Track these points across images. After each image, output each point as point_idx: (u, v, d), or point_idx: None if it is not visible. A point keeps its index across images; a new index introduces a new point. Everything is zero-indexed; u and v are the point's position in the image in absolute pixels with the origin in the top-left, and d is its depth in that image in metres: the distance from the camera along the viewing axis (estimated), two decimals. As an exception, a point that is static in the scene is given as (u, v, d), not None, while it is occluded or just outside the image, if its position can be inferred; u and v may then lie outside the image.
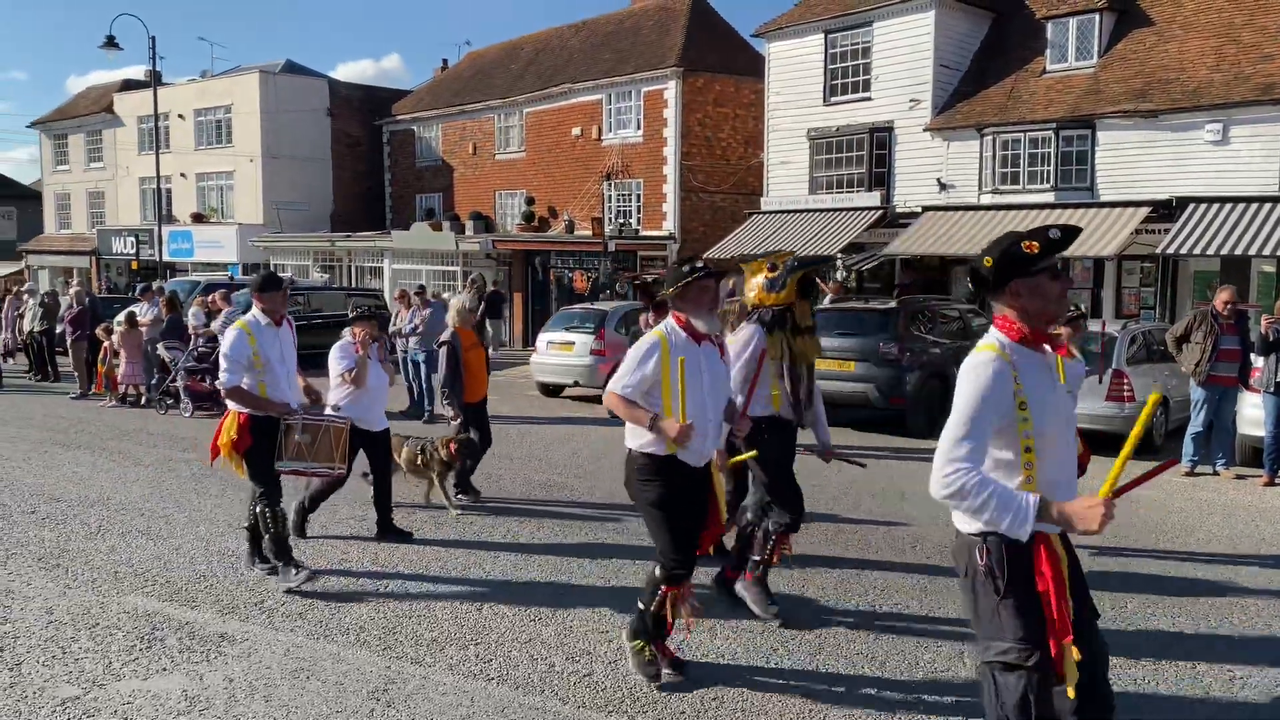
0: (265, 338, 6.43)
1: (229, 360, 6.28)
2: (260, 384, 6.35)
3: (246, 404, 6.30)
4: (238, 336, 6.34)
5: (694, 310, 4.81)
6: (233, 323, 6.63)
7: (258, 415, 6.32)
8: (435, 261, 29.76)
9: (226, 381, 6.28)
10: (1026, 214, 19.78)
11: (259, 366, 6.33)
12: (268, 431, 6.34)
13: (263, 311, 6.49)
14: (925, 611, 6.12)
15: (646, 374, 4.72)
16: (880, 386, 13.22)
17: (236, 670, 5.09)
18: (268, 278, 6.77)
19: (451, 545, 7.49)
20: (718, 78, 28.33)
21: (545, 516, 8.47)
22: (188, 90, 38.58)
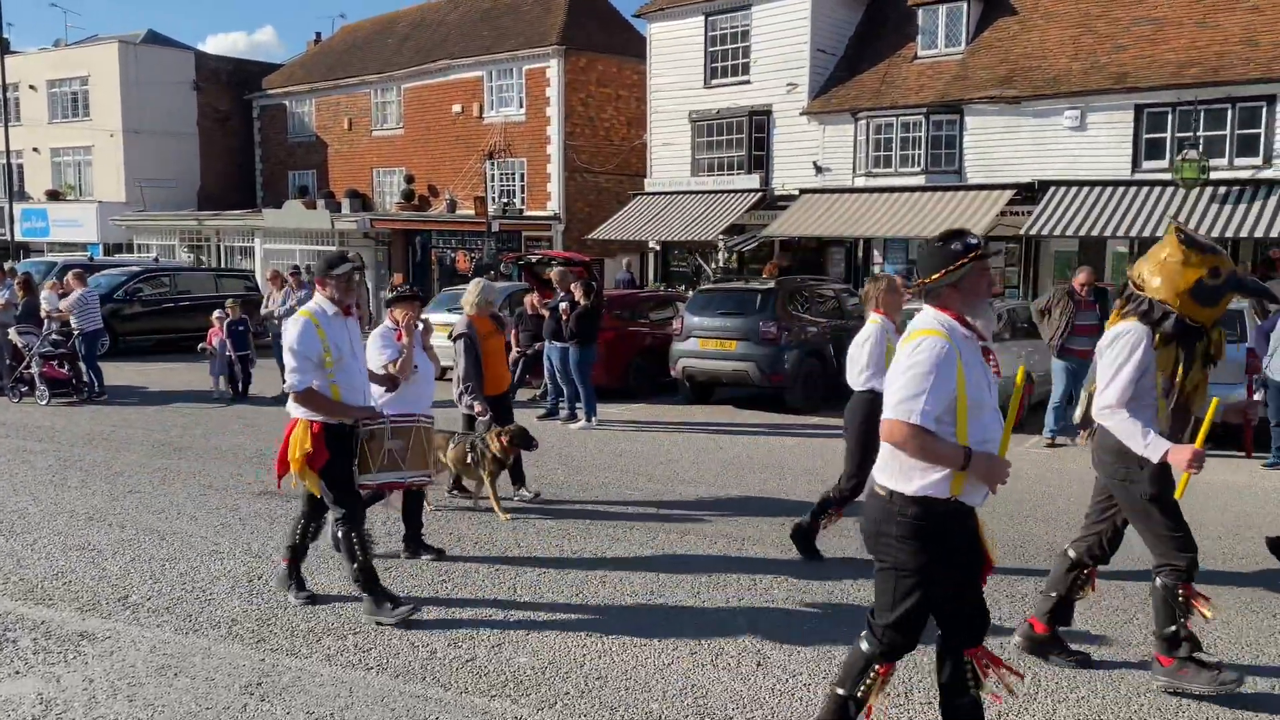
0: (334, 329, 5.49)
1: (298, 357, 5.36)
2: (332, 385, 5.45)
3: (320, 410, 5.42)
4: (305, 328, 5.40)
5: (973, 302, 3.65)
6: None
7: (332, 423, 5.46)
8: (310, 241, 28.87)
9: (297, 383, 5.37)
10: (898, 196, 20.40)
11: (329, 364, 5.42)
12: (345, 441, 5.55)
13: (329, 299, 5.56)
14: (801, 584, 6.27)
15: (949, 392, 3.50)
16: (760, 365, 13.46)
17: (97, 670, 4.86)
18: (336, 258, 5.70)
19: (327, 533, 7.30)
20: (600, 58, 28.25)
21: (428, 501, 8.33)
22: (40, 60, 36.38)
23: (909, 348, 3.55)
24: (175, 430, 11.74)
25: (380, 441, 5.66)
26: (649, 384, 15.04)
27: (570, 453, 10.63)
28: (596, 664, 4.99)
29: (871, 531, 3.72)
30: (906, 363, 3.53)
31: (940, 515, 3.57)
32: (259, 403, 14.04)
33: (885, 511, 3.64)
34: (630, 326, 15.32)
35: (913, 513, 3.57)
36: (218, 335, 14.35)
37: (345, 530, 5.57)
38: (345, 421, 5.54)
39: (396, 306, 6.81)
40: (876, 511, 3.70)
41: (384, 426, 5.69)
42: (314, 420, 5.44)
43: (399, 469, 5.74)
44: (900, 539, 3.59)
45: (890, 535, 3.62)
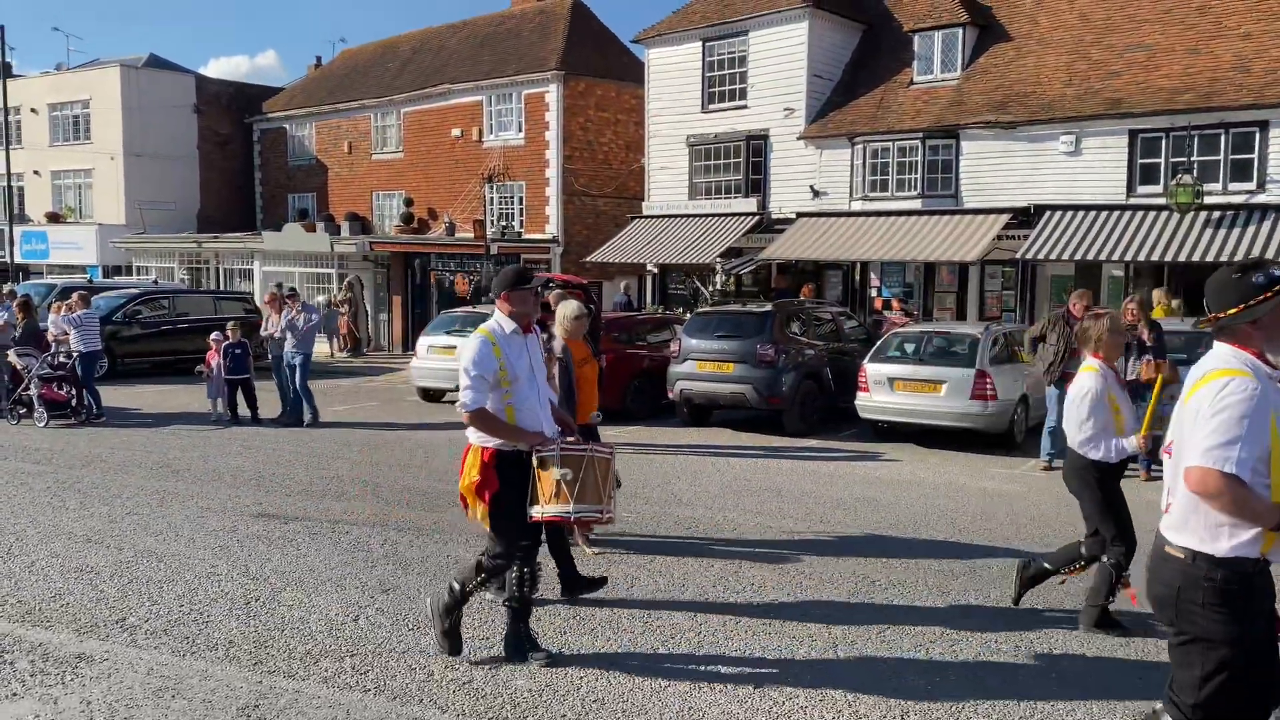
0: (512, 348, 5.16)
1: (472, 377, 5.03)
2: (508, 407, 5.11)
3: (492, 432, 5.09)
4: (482, 347, 5.07)
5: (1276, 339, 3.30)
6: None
7: (506, 450, 5.11)
8: (309, 263, 28.94)
9: (470, 402, 5.03)
10: (895, 220, 20.51)
11: (505, 384, 5.09)
12: (520, 470, 5.10)
13: (510, 315, 5.22)
14: (798, 607, 6.28)
15: (1264, 438, 3.12)
16: (757, 387, 13.50)
17: (95, 692, 4.86)
18: (518, 273, 5.35)
19: (326, 556, 7.32)
20: (599, 82, 28.47)
21: (424, 524, 8.35)
22: (41, 83, 36.60)
23: (1214, 389, 3.17)
24: (173, 452, 11.75)
25: (549, 471, 5.10)
26: (647, 406, 15.07)
27: (568, 475, 10.63)
28: (593, 686, 5.00)
29: (1168, 599, 3.31)
30: (1215, 406, 3.14)
31: (1249, 577, 3.20)
32: (260, 424, 14.05)
33: (1187, 576, 3.25)
34: (628, 349, 15.37)
35: (1222, 576, 3.19)
36: (215, 357, 14.38)
37: (482, 566, 5.26)
38: (520, 448, 5.11)
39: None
40: (1174, 576, 3.29)
41: (553, 453, 5.09)
42: (486, 446, 5.11)
43: (566, 503, 5.09)
44: (1208, 606, 3.20)
45: (1195, 603, 3.22)
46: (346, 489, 9.74)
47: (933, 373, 12.59)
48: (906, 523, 8.64)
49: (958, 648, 5.61)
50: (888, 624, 5.97)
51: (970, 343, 12.79)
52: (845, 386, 13.81)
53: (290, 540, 7.72)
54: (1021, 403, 12.87)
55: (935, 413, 12.50)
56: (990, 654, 5.52)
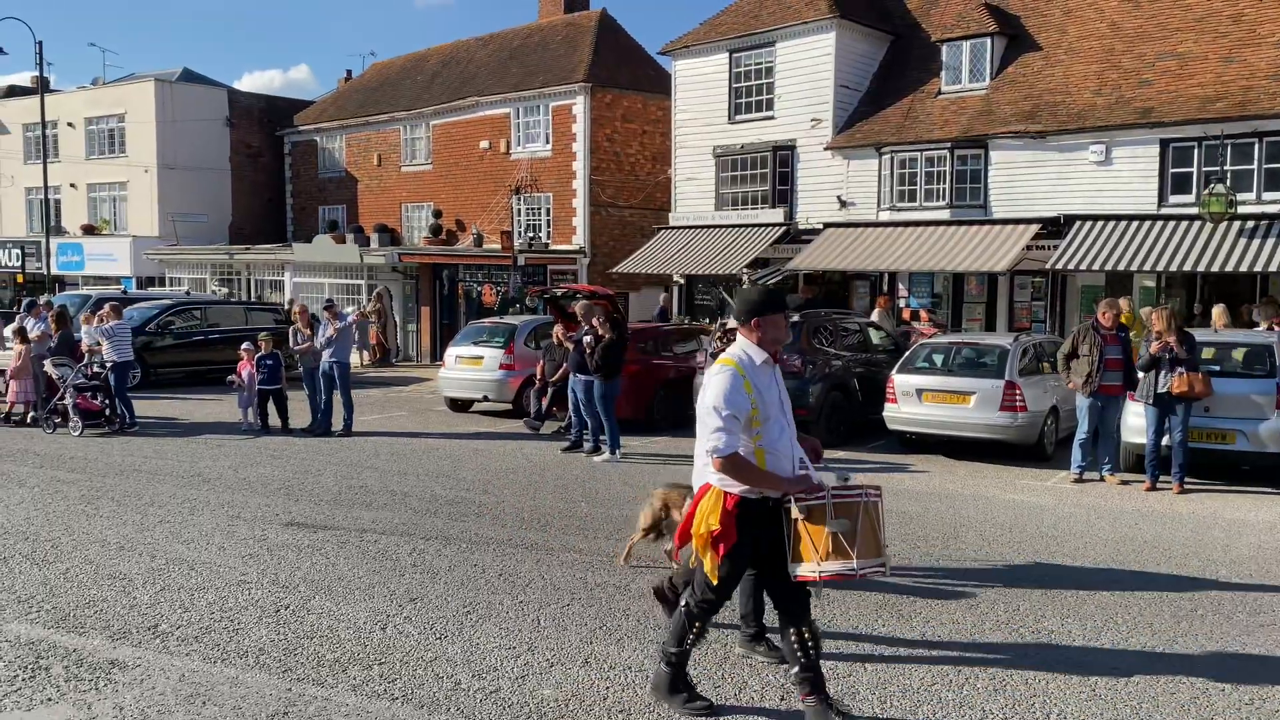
0: (761, 380, 4.57)
1: (724, 417, 4.42)
2: (758, 450, 4.52)
3: (746, 479, 4.49)
4: (731, 381, 4.48)
5: None
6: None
7: (752, 496, 4.51)
8: (339, 275, 29.22)
9: (724, 447, 4.43)
10: (923, 230, 20.42)
11: (756, 424, 4.48)
12: (761, 520, 4.55)
13: (759, 344, 4.63)
14: (825, 620, 6.25)
15: None
16: (785, 399, 13.44)
17: (128, 698, 4.93)
18: (769, 296, 4.74)
19: (355, 564, 7.37)
20: (626, 94, 28.57)
21: (453, 534, 8.39)
22: (78, 98, 37.22)
23: None
24: (205, 461, 11.88)
25: (822, 522, 4.47)
26: (673, 417, 15.06)
27: (594, 486, 10.66)
28: (620, 697, 5.00)
29: None
30: None
31: None
32: (290, 434, 14.18)
33: None
34: (654, 360, 15.38)
35: None
36: (246, 368, 14.53)
37: (692, 614, 4.75)
38: (769, 495, 4.54)
39: None
40: None
41: (825, 503, 4.50)
42: (730, 491, 4.52)
43: (847, 558, 4.48)
44: None
45: None
46: (375, 498, 9.81)
47: (962, 384, 12.51)
48: (935, 535, 8.57)
49: (987, 659, 5.57)
50: (915, 638, 5.93)
51: (999, 354, 12.70)
52: (873, 398, 13.74)
53: (319, 549, 7.78)
54: (1052, 414, 12.75)
55: (964, 424, 12.41)
56: (1020, 665, 5.47)
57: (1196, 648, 5.84)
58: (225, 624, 6.00)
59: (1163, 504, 10.18)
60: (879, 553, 4.57)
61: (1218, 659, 5.67)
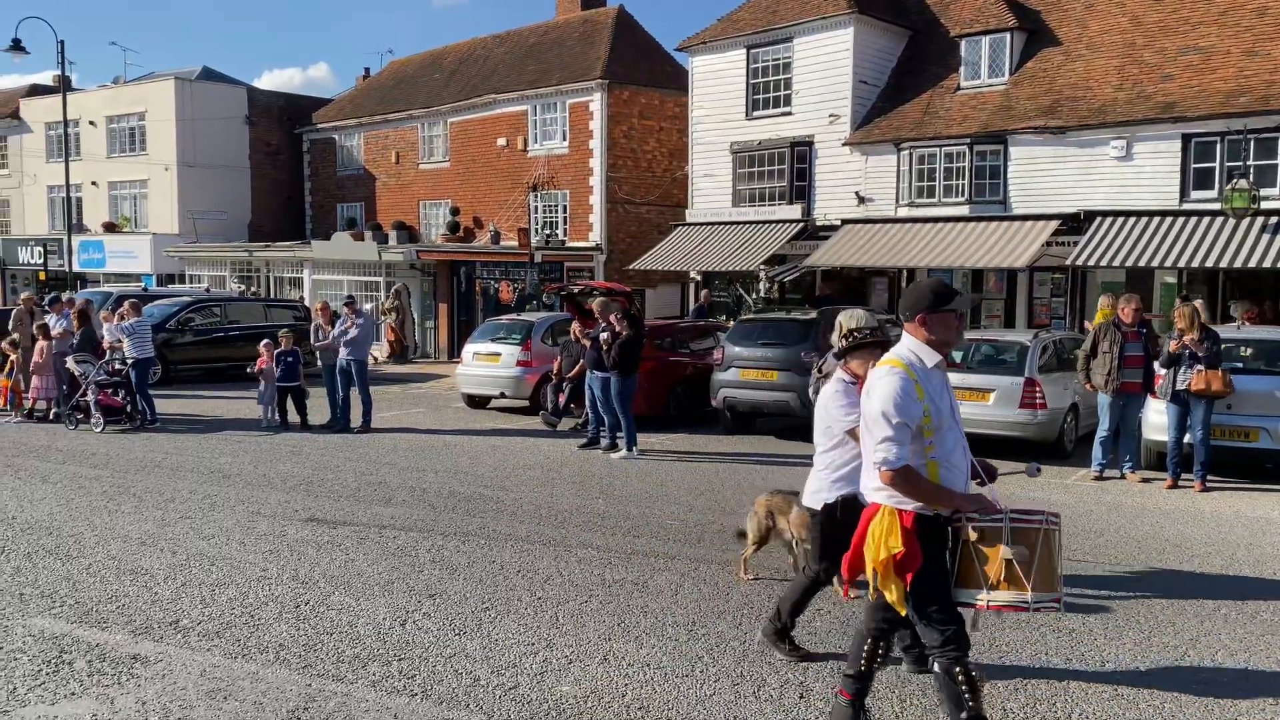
0: (933, 385, 4.11)
1: (894, 425, 3.98)
2: (930, 461, 4.05)
3: (919, 495, 4.04)
4: (902, 385, 4.02)
5: None
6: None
7: (927, 514, 4.08)
8: (357, 272, 29.34)
9: (894, 459, 3.97)
10: (942, 226, 20.32)
11: (929, 433, 4.04)
12: (940, 538, 4.12)
13: (929, 344, 4.16)
14: (844, 616, 6.23)
15: None
16: (803, 395, 13.38)
17: (150, 693, 4.96)
18: (940, 290, 4.21)
19: (374, 561, 7.40)
20: (643, 91, 28.54)
21: (470, 530, 8.42)
22: (99, 96, 37.49)
23: None
24: (225, 458, 11.96)
25: (995, 546, 4.02)
26: (690, 414, 15.06)
27: (611, 482, 10.67)
28: (639, 694, 5.00)
29: None
30: None
31: None
32: (309, 431, 14.25)
33: None
34: (671, 356, 15.37)
35: None
36: (266, 363, 14.60)
37: (950, 664, 4.09)
38: (941, 513, 4.12)
39: (854, 356, 5.34)
40: None
41: (1000, 525, 4.04)
42: (904, 509, 4.07)
43: (1021, 589, 3.99)
44: None
45: None
46: (394, 494, 9.84)
47: (981, 381, 12.44)
48: (954, 532, 8.52)
49: (1006, 659, 5.54)
50: (935, 635, 5.90)
51: (1019, 350, 12.62)
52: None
53: (339, 545, 7.82)
54: (1071, 411, 12.66)
55: (983, 421, 12.33)
56: (1040, 664, 5.44)
57: (1220, 647, 5.78)
58: (246, 619, 6.04)
59: (1184, 502, 10.10)
60: (1054, 586, 4.09)
61: (1243, 659, 5.62)
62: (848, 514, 5.01)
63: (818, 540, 5.49)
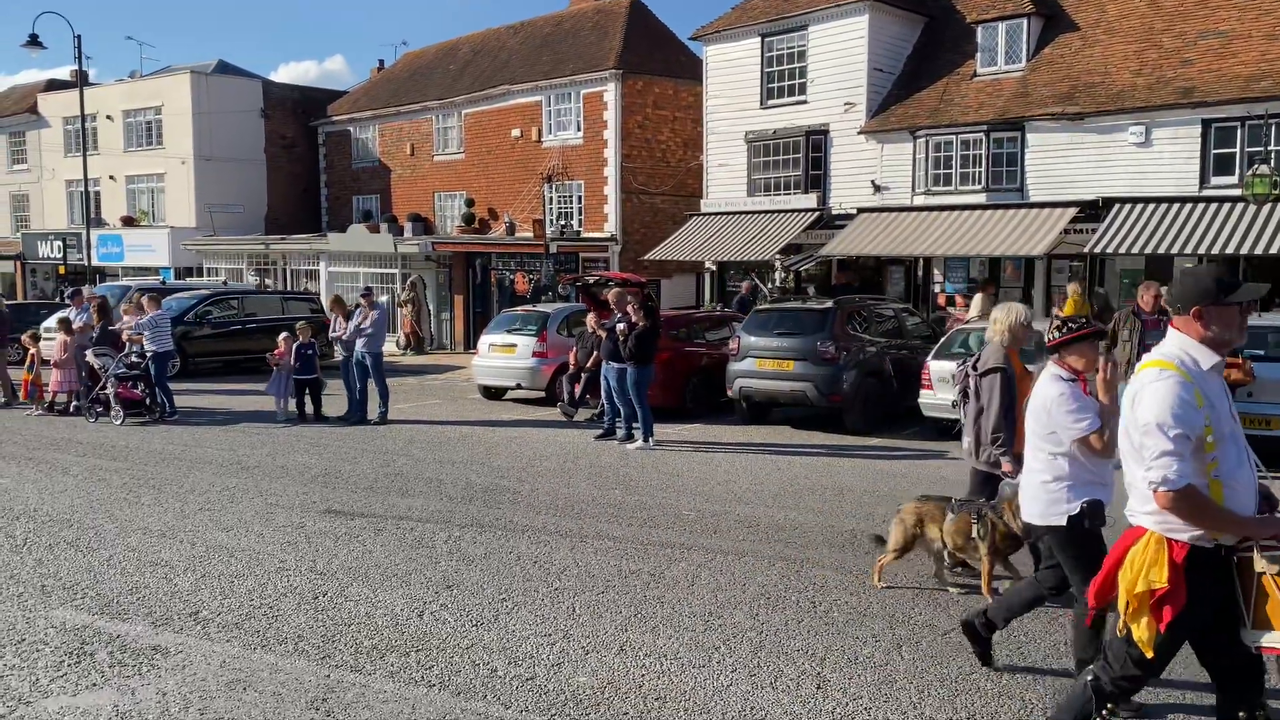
0: (1212, 391, 3.56)
1: (1172, 437, 3.41)
2: (1212, 480, 3.47)
3: (1200, 520, 3.47)
4: (1180, 393, 3.47)
5: None
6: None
7: (1204, 545, 3.49)
8: (373, 264, 29.41)
9: (1175, 477, 3.40)
10: (959, 215, 20.20)
11: (1210, 447, 3.46)
12: (1213, 573, 3.52)
13: (1207, 342, 3.61)
14: (861, 606, 6.22)
15: None
16: (818, 385, 13.38)
17: (170, 684, 5.00)
18: (1222, 281, 3.66)
19: (391, 552, 7.43)
20: (657, 80, 28.45)
21: (488, 521, 8.44)
22: (116, 91, 37.67)
23: None
24: (243, 450, 12.02)
25: None
26: (706, 404, 15.04)
27: (627, 473, 10.67)
28: (655, 685, 5.00)
29: None
30: None
31: None
32: (325, 423, 14.31)
33: None
34: (687, 347, 15.35)
35: None
36: (283, 354, 14.66)
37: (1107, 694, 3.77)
38: (1222, 543, 3.50)
39: (1071, 349, 4.72)
40: None
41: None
42: (1176, 539, 3.50)
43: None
44: None
45: None
46: (411, 486, 9.88)
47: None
48: (971, 522, 8.49)
49: (1025, 650, 5.51)
50: (953, 626, 5.88)
51: (1036, 340, 12.51)
52: (908, 384, 13.64)
53: (356, 536, 7.86)
54: (1090, 400, 12.55)
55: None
56: (1059, 654, 5.41)
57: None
58: (265, 611, 6.08)
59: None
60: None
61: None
62: (1096, 519, 4.63)
63: (1076, 557, 4.69)
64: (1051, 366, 4.74)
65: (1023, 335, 6.45)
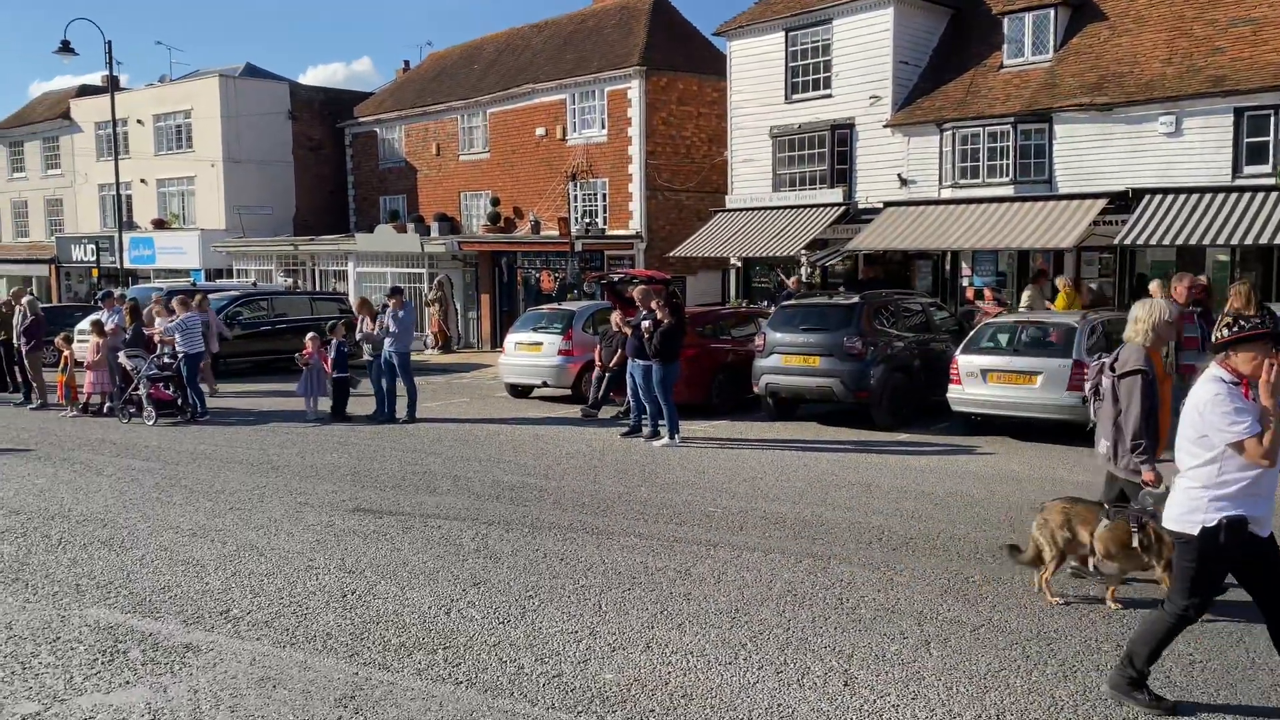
0: None
1: None
2: None
3: None
4: None
5: None
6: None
7: None
8: (400, 264, 29.58)
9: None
10: (987, 207, 20.02)
11: None
12: None
13: None
14: (889, 603, 6.18)
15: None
16: (845, 380, 13.32)
17: (202, 681, 5.06)
18: None
19: (419, 550, 7.47)
20: (681, 76, 28.40)
21: (514, 518, 8.46)
22: (146, 95, 38.10)
23: None
24: (273, 449, 12.13)
25: None
26: (731, 401, 15.01)
27: (653, 470, 10.67)
28: (681, 682, 5.00)
29: None
30: None
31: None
32: (351, 422, 14.42)
33: None
34: (713, 343, 15.33)
35: None
36: (311, 355, 14.79)
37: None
38: None
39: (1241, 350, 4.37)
40: None
41: None
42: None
43: None
44: None
45: None
46: (438, 484, 9.93)
47: (1027, 364, 12.25)
48: (1001, 519, 8.43)
49: (1055, 647, 5.46)
50: (982, 623, 5.84)
51: (1066, 332, 12.41)
52: (936, 379, 13.54)
53: (384, 534, 7.91)
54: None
55: (1030, 405, 12.16)
56: (1089, 651, 5.36)
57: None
58: (294, 609, 6.13)
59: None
60: None
61: None
62: (1232, 538, 4.39)
63: (1189, 570, 4.56)
64: (1214, 367, 4.43)
65: (1167, 334, 6.11)
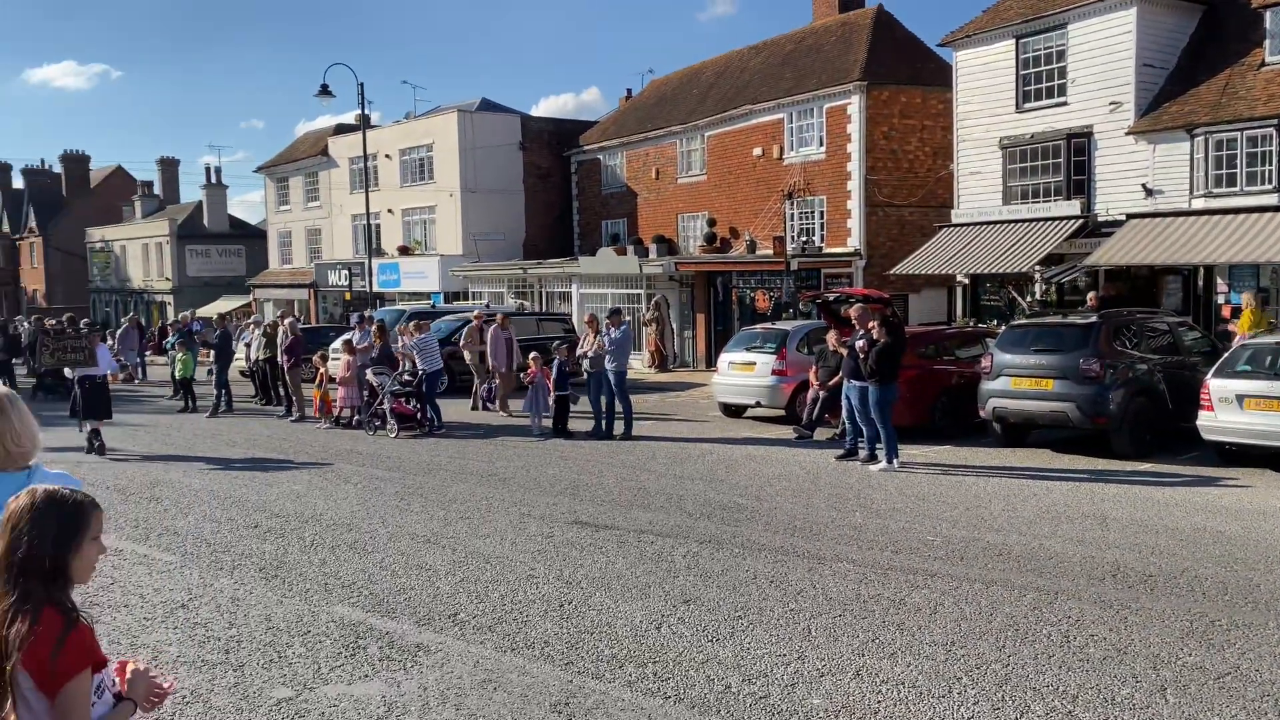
0: None
1: None
2: None
3: None
4: None
5: None
6: None
7: None
8: (620, 285, 30.43)
9: None
10: (1245, 218, 18.32)
11: None
12: None
13: None
14: (1121, 644, 5.76)
15: None
16: (1081, 405, 12.52)
17: (430, 679, 5.40)
18: None
19: (632, 564, 7.65)
20: (904, 89, 27.73)
21: (725, 538, 8.51)
22: (393, 132, 41.19)
23: None
24: (500, 462, 12.77)
25: None
26: (956, 425, 14.44)
27: (870, 495, 10.43)
28: (891, 711, 4.87)
29: None
30: None
31: None
32: (571, 438, 14.94)
33: None
34: (935, 364, 14.83)
35: None
36: (535, 374, 15.47)
37: None
38: None
39: None
40: None
41: None
42: None
43: None
44: None
45: None
46: (652, 500, 10.13)
47: None
48: (1256, 559, 7.67)
49: None
50: (1228, 670, 5.34)
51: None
52: (1185, 405, 12.50)
53: (600, 547, 8.15)
54: None
55: None
56: None
57: None
58: (515, 616, 6.43)
59: None
60: None
61: None
62: None
63: None
64: None
65: None
